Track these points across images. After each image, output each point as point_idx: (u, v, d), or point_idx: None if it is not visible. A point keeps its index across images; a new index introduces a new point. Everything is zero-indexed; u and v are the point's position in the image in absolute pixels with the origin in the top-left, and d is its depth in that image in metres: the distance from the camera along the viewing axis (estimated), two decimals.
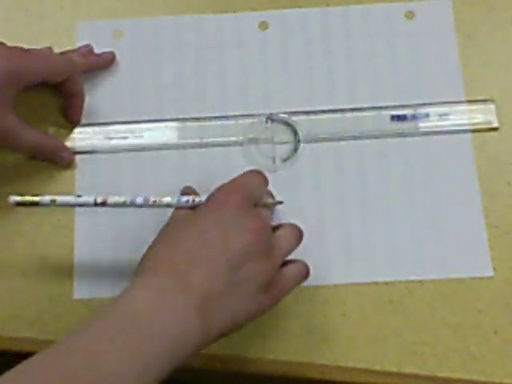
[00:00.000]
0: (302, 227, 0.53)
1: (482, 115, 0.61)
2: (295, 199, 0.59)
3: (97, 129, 0.62)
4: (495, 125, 0.61)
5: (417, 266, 0.57)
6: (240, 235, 0.48)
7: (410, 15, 0.64)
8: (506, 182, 0.59)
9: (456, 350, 0.55)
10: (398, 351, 0.55)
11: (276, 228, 0.52)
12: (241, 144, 0.61)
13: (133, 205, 0.53)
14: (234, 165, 0.60)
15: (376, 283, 0.57)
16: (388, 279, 0.57)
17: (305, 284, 0.56)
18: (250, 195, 0.51)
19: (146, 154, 0.61)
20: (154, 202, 0.53)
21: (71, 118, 0.62)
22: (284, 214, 0.58)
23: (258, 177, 0.54)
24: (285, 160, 0.61)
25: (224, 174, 0.53)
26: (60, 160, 0.61)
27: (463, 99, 0.61)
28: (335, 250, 0.58)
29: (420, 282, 0.57)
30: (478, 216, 0.58)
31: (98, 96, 0.63)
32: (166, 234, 0.50)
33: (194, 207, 0.52)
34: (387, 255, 0.58)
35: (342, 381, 0.55)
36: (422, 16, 0.64)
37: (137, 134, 0.61)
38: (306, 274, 0.53)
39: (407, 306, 0.56)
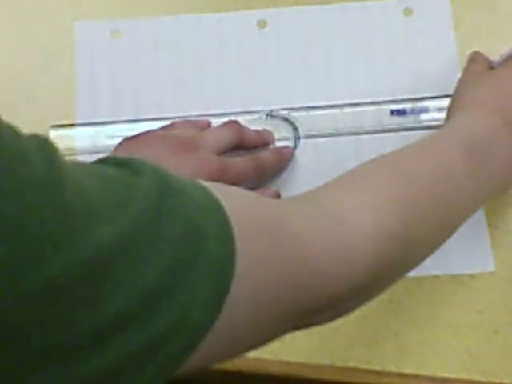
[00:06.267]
0: None
1: None
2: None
3: (97, 128, 0.62)
4: None
5: None
6: None
7: (408, 12, 0.64)
8: None
9: (456, 350, 0.54)
10: (398, 351, 0.55)
11: None
12: None
13: None
14: None
15: None
16: None
17: None
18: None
19: None
20: None
21: None
22: None
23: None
24: None
25: None
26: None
27: None
28: None
29: (419, 281, 0.56)
30: (478, 210, 0.58)
31: (98, 95, 0.63)
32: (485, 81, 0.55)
33: None
34: None
35: (341, 381, 0.55)
36: (420, 13, 0.64)
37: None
38: None
39: (407, 305, 0.56)
